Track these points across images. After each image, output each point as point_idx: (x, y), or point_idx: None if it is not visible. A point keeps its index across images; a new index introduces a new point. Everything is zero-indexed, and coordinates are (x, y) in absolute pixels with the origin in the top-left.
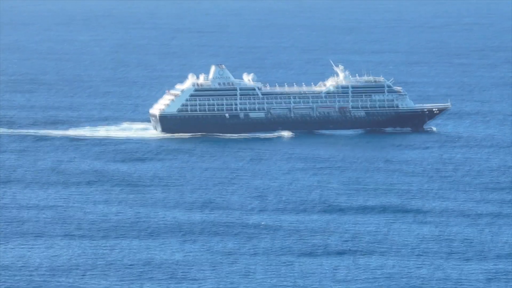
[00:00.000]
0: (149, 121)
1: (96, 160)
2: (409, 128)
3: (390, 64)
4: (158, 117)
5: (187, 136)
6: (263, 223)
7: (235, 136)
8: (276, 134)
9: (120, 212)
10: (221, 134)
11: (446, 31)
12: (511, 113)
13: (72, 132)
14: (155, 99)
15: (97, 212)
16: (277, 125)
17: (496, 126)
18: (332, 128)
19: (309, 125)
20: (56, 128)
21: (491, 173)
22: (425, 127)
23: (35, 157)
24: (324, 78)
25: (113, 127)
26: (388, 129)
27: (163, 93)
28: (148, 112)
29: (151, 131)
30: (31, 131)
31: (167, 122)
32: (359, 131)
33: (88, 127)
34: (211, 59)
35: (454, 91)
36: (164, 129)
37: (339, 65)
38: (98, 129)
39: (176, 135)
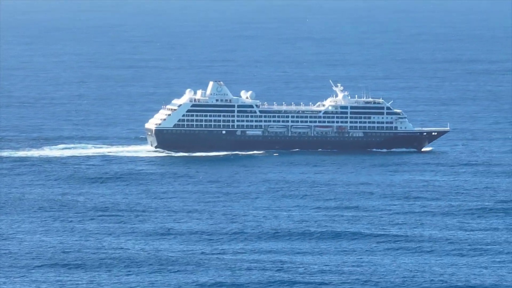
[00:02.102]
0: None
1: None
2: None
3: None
4: (154, 132)
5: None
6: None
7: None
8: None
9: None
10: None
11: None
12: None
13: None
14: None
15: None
16: (274, 143)
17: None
18: (329, 148)
19: (306, 145)
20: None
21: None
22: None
23: None
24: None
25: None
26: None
27: (131, 110)
28: (144, 127)
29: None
30: None
31: (163, 137)
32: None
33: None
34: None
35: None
36: (159, 144)
37: (338, 85)
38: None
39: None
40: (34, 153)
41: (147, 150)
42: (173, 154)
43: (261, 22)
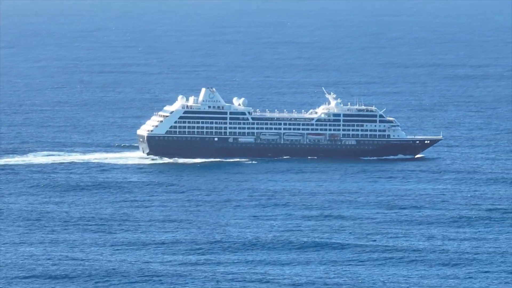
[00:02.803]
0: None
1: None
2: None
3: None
4: (146, 138)
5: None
6: None
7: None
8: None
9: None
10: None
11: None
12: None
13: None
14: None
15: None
16: (266, 151)
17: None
18: (322, 156)
19: (299, 152)
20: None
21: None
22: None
23: None
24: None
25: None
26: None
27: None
28: (136, 133)
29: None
30: None
31: (155, 143)
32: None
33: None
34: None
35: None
36: (151, 150)
37: (331, 93)
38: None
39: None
40: (17, 160)
41: (131, 156)
42: (158, 160)
43: (241, 26)
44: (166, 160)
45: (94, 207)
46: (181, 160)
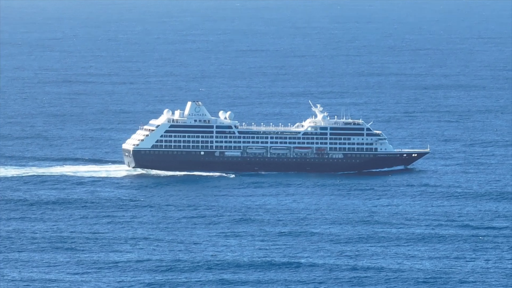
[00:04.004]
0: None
1: None
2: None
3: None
4: (131, 152)
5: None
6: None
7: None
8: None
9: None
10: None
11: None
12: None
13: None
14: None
15: None
16: (252, 164)
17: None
18: (309, 170)
19: (286, 166)
20: None
21: None
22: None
23: None
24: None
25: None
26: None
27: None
28: (121, 147)
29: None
30: None
31: (140, 157)
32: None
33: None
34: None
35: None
36: (137, 165)
37: (318, 106)
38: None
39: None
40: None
41: (106, 170)
42: (132, 172)
43: (209, 34)
44: (139, 171)
45: (59, 224)
46: (154, 172)
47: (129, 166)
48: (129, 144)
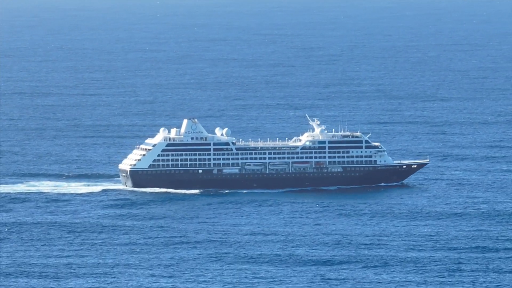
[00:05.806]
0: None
1: None
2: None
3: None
4: (128, 173)
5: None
6: None
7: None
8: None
9: None
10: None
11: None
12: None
13: None
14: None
15: None
16: (251, 181)
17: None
18: (308, 185)
19: (285, 182)
20: None
21: None
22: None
23: None
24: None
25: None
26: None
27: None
28: (118, 168)
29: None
30: None
31: (138, 177)
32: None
33: None
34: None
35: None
36: (135, 185)
37: (315, 120)
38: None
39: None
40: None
41: (79, 186)
42: (111, 186)
43: (184, 42)
44: (120, 186)
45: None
46: (140, 189)
47: (126, 186)
48: (126, 165)
